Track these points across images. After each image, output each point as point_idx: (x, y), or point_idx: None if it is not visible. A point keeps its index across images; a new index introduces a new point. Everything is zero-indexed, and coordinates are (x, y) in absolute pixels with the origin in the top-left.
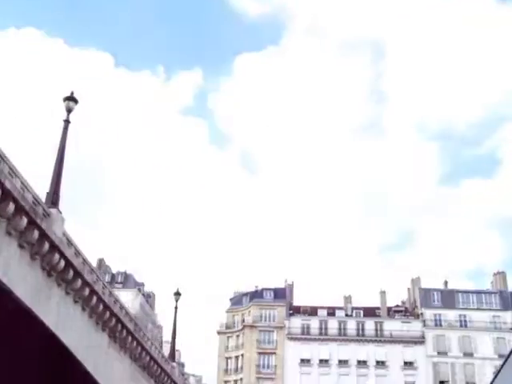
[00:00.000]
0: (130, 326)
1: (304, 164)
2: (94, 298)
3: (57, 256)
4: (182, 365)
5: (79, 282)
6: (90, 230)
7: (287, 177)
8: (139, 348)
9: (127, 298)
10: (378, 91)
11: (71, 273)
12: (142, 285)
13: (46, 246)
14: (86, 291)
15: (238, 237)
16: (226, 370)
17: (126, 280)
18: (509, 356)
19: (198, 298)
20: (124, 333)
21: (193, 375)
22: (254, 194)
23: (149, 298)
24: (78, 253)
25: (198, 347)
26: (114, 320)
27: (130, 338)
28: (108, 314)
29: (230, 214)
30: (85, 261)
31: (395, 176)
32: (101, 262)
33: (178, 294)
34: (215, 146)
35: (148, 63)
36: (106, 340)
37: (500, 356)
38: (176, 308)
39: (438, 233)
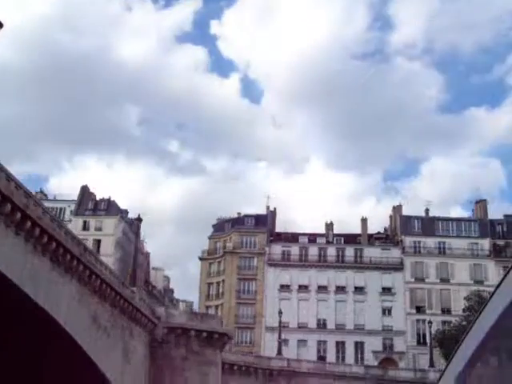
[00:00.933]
0: (76, 250)
1: (306, 90)
2: (29, 223)
3: None
4: (171, 291)
5: (9, 207)
6: (80, 157)
7: (288, 104)
8: (87, 272)
9: (110, 225)
10: (382, 16)
11: None
12: (126, 212)
13: None
14: (18, 216)
15: (228, 162)
16: (208, 296)
17: (110, 207)
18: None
19: (188, 225)
20: (68, 256)
21: (183, 301)
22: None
23: (132, 224)
24: (9, 178)
25: (188, 274)
26: (54, 244)
27: (75, 261)
28: (46, 238)
29: (226, 141)
30: (18, 185)
31: (399, 102)
32: (84, 189)
33: (139, 219)
34: (216, 73)
35: None
36: (47, 264)
37: (476, 282)
38: (137, 233)
39: (441, 161)
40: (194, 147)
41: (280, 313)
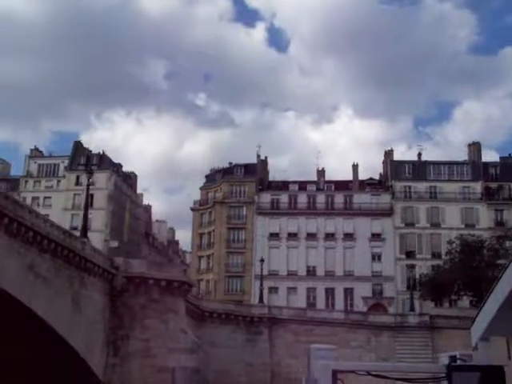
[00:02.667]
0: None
1: (334, 37)
2: None
3: None
4: (175, 243)
5: None
6: (108, 113)
7: (316, 52)
8: (15, 224)
9: (102, 179)
10: None
11: None
12: (119, 165)
13: None
14: None
15: (256, 113)
16: (201, 246)
17: (102, 162)
18: None
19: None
20: None
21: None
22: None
23: (129, 178)
24: None
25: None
26: None
27: None
28: None
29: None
30: None
31: (429, 45)
32: (77, 144)
33: (90, 172)
34: (241, 23)
35: None
36: None
37: (467, 226)
38: (88, 186)
39: (473, 104)
40: (222, 99)
41: (261, 261)
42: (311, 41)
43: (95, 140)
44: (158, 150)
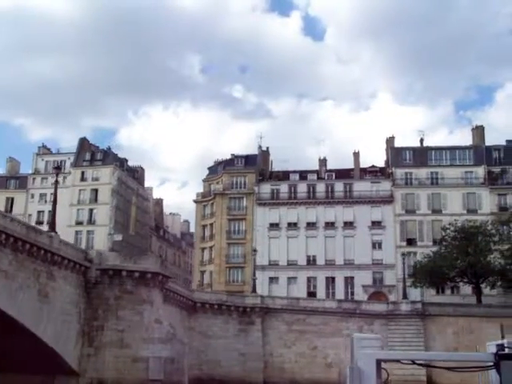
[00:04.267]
0: None
1: (370, 23)
2: None
3: None
4: (190, 235)
5: None
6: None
7: (353, 39)
8: None
9: (106, 174)
10: None
11: None
12: (125, 160)
13: None
14: None
15: (293, 104)
16: (203, 237)
17: (106, 157)
18: None
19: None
20: None
21: None
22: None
23: (136, 172)
24: None
25: None
26: None
27: None
28: None
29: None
30: None
31: (470, 26)
32: (83, 141)
33: (57, 168)
34: (276, 13)
35: None
36: None
37: (469, 211)
38: (56, 182)
39: None
40: (258, 90)
41: (254, 251)
42: (348, 27)
43: (133, 135)
44: (196, 144)
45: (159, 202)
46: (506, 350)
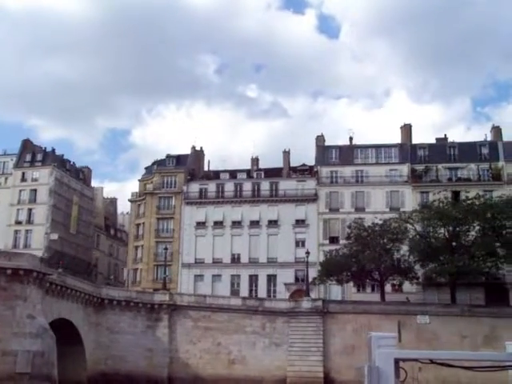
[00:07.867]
0: None
1: (385, 20)
2: None
3: None
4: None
5: None
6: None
7: (367, 36)
8: None
9: (44, 175)
10: None
11: None
12: (68, 161)
13: None
14: None
15: (308, 102)
16: (137, 236)
17: (46, 158)
18: None
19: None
20: None
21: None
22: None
23: (81, 172)
24: None
25: None
26: None
27: None
28: None
29: None
30: None
31: (487, 21)
32: (25, 142)
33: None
34: (290, 11)
35: None
36: None
37: (392, 209)
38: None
39: None
40: (273, 89)
41: (165, 249)
42: (362, 24)
43: (147, 135)
44: (210, 143)
45: (113, 202)
46: None
